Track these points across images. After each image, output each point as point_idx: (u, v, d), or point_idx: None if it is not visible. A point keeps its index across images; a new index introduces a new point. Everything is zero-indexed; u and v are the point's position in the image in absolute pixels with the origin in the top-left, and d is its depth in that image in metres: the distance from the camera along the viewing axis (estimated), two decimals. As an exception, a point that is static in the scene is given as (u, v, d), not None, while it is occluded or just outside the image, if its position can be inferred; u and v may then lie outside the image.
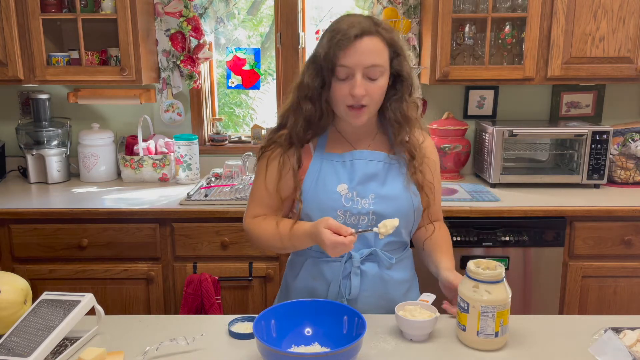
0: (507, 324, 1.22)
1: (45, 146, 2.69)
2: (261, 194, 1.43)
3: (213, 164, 2.88)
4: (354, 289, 1.38)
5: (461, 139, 2.68)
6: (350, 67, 1.27)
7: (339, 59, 1.26)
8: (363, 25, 1.27)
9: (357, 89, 1.27)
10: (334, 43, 1.26)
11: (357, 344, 1.08)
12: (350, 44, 1.25)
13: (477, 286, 1.20)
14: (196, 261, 2.30)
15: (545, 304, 2.31)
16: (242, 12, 3.10)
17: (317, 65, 1.31)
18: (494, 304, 1.18)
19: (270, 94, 3.49)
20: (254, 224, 1.43)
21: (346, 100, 1.30)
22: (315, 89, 1.32)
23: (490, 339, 1.20)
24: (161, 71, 2.78)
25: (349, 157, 1.39)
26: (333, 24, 1.32)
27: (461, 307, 1.22)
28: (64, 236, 2.27)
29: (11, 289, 1.27)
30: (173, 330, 1.30)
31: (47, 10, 2.44)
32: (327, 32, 1.31)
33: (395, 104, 1.38)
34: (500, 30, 2.56)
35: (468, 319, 1.20)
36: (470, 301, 1.19)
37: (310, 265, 1.43)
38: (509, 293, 1.21)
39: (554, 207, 2.26)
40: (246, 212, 1.47)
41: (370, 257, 1.39)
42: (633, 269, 2.30)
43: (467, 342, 1.22)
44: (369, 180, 1.38)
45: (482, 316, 1.18)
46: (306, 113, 1.34)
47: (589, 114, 2.85)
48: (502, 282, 1.21)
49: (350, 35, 1.25)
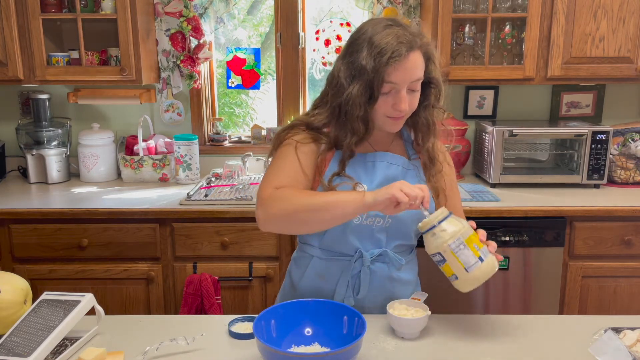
0: (483, 247, 1.21)
1: (45, 146, 2.69)
2: (288, 165, 1.33)
3: (213, 164, 2.88)
4: (362, 288, 1.38)
5: (461, 139, 2.68)
6: (397, 83, 1.26)
7: (388, 75, 1.24)
8: (408, 39, 1.24)
9: (403, 104, 1.27)
10: (383, 60, 1.23)
11: (357, 344, 1.08)
12: (400, 61, 1.23)
13: (433, 233, 1.20)
14: (196, 261, 2.30)
15: (545, 304, 2.31)
16: (242, 12, 3.10)
17: (365, 81, 1.26)
18: (457, 236, 1.19)
19: (270, 94, 3.48)
20: (280, 190, 1.28)
21: (387, 112, 1.30)
22: (365, 106, 1.29)
23: (479, 266, 1.19)
24: (161, 71, 2.78)
25: (371, 158, 1.39)
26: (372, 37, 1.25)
27: (438, 262, 1.22)
28: (64, 236, 2.27)
29: (11, 289, 1.27)
30: (173, 330, 1.30)
31: (47, 10, 2.44)
32: (366, 45, 1.25)
33: (425, 111, 1.38)
34: (500, 30, 2.56)
35: (451, 266, 1.20)
36: (438, 249, 1.20)
37: (317, 263, 1.43)
38: (462, 220, 1.23)
39: (554, 207, 2.26)
40: (264, 184, 1.31)
41: (380, 257, 1.39)
42: (633, 269, 2.30)
43: (467, 285, 1.21)
44: (389, 183, 1.36)
45: (457, 252, 1.18)
46: (357, 132, 1.32)
47: (589, 114, 2.85)
48: (450, 215, 1.22)
49: (402, 52, 1.22)
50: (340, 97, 1.30)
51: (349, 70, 1.29)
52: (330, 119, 1.35)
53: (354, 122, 1.30)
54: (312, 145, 1.37)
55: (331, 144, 1.36)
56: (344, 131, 1.33)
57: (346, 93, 1.28)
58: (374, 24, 1.30)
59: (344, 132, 1.33)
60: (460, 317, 1.37)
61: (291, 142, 1.36)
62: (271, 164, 1.38)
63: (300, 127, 1.39)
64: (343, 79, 1.29)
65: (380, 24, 1.29)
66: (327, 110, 1.36)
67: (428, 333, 1.29)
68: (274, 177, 1.32)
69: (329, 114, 1.35)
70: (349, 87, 1.28)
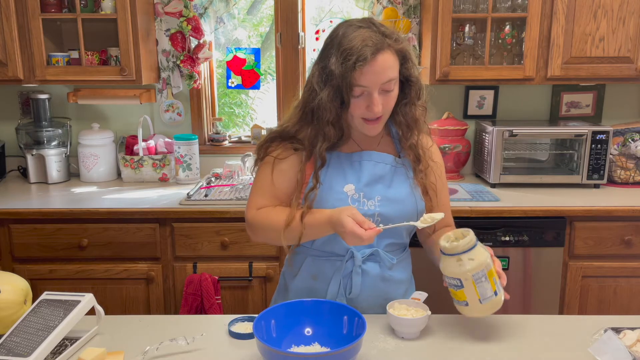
0: (499, 279, 1.22)
1: (45, 146, 2.69)
2: (267, 186, 1.40)
3: (213, 164, 2.88)
4: (354, 288, 1.38)
5: (461, 139, 2.68)
6: (367, 86, 1.26)
7: (356, 79, 1.24)
8: (375, 41, 1.24)
9: (376, 107, 1.27)
10: (349, 65, 1.23)
11: (357, 344, 1.08)
12: (367, 64, 1.23)
13: (459, 259, 1.20)
14: (196, 261, 2.30)
15: (545, 304, 2.31)
16: (242, 12, 3.10)
17: (334, 86, 1.27)
18: (482, 268, 1.19)
19: (270, 94, 3.49)
20: (260, 212, 1.38)
21: (363, 114, 1.30)
22: (336, 111, 1.30)
23: (493, 299, 1.21)
24: (161, 71, 2.78)
25: (358, 158, 1.39)
26: (341, 41, 1.26)
27: (454, 285, 1.22)
28: (64, 236, 2.27)
29: (11, 289, 1.27)
30: (173, 330, 1.30)
31: (47, 10, 2.44)
32: (334, 49, 1.26)
33: (405, 108, 1.38)
34: (500, 30, 2.56)
35: (466, 293, 1.20)
36: (460, 276, 1.20)
37: (310, 263, 1.43)
38: (487, 250, 1.22)
39: (554, 207, 2.26)
40: (249, 205, 1.41)
41: (372, 257, 1.40)
42: (633, 269, 2.30)
43: (475, 314, 1.23)
44: (376, 182, 1.38)
45: (478, 284, 1.19)
46: (329, 137, 1.33)
47: (589, 114, 2.85)
48: (478, 244, 1.22)
49: (367, 56, 1.22)
50: (313, 103, 1.31)
51: (321, 75, 1.30)
52: (302, 123, 1.36)
53: (324, 126, 1.32)
54: (292, 158, 1.38)
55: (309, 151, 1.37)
56: (316, 138, 1.34)
57: (317, 98, 1.29)
58: (346, 26, 1.30)
59: (316, 139, 1.34)
60: (461, 317, 1.36)
61: (269, 160, 1.39)
62: (254, 182, 1.44)
63: (277, 139, 1.40)
64: (315, 84, 1.31)
65: (351, 26, 1.29)
66: (299, 112, 1.37)
67: (428, 333, 1.29)
68: (256, 198, 1.41)
69: (300, 116, 1.36)
70: (320, 93, 1.29)
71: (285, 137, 1.40)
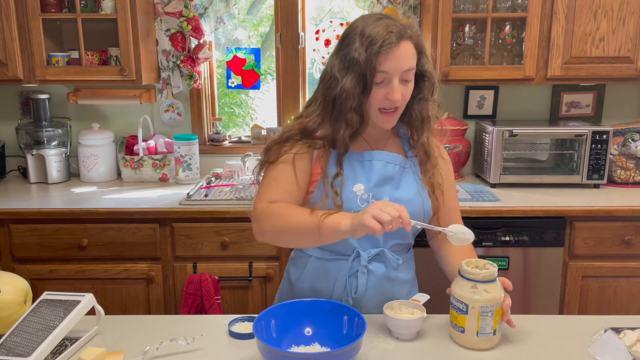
0: (502, 321, 1.22)
1: (45, 146, 2.69)
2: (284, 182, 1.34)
3: (213, 164, 2.88)
4: (360, 287, 1.38)
5: (461, 139, 2.68)
6: (389, 72, 1.26)
7: (380, 64, 1.25)
8: (399, 29, 1.25)
9: (396, 93, 1.27)
10: (374, 49, 1.24)
11: (357, 344, 1.08)
12: (391, 50, 1.24)
13: (475, 286, 1.20)
14: (196, 261, 2.30)
15: (545, 304, 2.31)
16: (242, 12, 3.10)
17: (357, 72, 1.27)
18: (492, 303, 1.19)
19: (270, 94, 3.49)
20: (273, 205, 1.30)
21: (380, 104, 1.30)
22: (359, 97, 1.29)
23: (489, 337, 1.20)
24: (161, 71, 2.78)
25: (369, 157, 1.39)
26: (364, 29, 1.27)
27: (458, 309, 1.22)
28: (64, 236, 2.27)
29: (11, 289, 1.27)
30: (173, 330, 1.30)
31: (47, 10, 2.44)
32: (357, 37, 1.26)
33: (419, 104, 1.38)
34: (500, 30, 2.56)
35: (467, 320, 1.20)
36: (469, 302, 1.19)
37: (315, 263, 1.43)
38: (502, 290, 1.22)
39: (554, 207, 2.26)
40: (259, 198, 1.34)
41: (377, 257, 1.40)
42: (633, 269, 2.30)
43: (466, 343, 1.22)
44: (385, 182, 1.37)
45: (482, 316, 1.19)
46: (352, 123, 1.31)
47: (589, 114, 2.85)
48: (496, 280, 1.22)
49: (392, 41, 1.23)
50: (334, 91, 1.30)
51: (342, 63, 1.30)
52: (324, 116, 1.35)
53: (347, 113, 1.30)
54: (308, 155, 1.37)
55: (327, 144, 1.35)
56: (338, 124, 1.32)
57: (340, 86, 1.29)
58: (365, 18, 1.32)
59: (338, 125, 1.32)
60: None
61: (288, 158, 1.35)
62: (266, 176, 1.38)
63: (295, 138, 1.37)
64: (337, 72, 1.30)
65: (371, 17, 1.31)
66: (320, 106, 1.35)
67: (428, 333, 1.29)
68: (269, 191, 1.34)
69: (322, 110, 1.35)
70: (343, 80, 1.28)
71: (305, 134, 1.37)
